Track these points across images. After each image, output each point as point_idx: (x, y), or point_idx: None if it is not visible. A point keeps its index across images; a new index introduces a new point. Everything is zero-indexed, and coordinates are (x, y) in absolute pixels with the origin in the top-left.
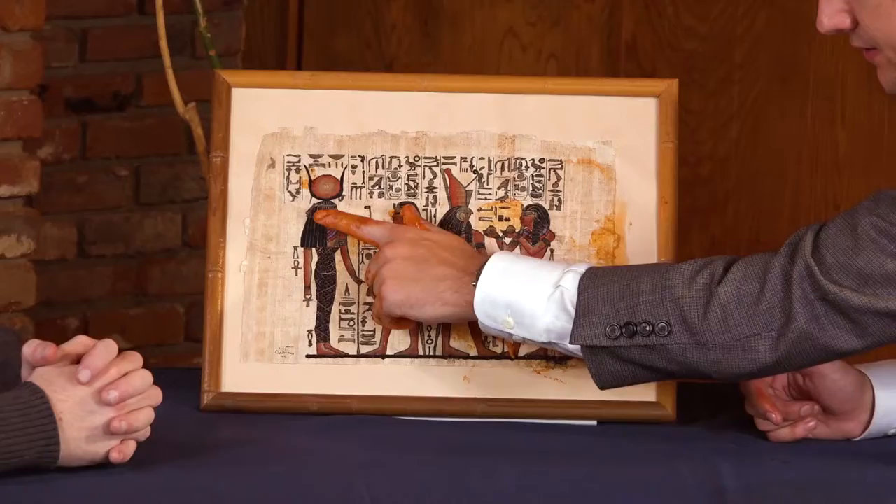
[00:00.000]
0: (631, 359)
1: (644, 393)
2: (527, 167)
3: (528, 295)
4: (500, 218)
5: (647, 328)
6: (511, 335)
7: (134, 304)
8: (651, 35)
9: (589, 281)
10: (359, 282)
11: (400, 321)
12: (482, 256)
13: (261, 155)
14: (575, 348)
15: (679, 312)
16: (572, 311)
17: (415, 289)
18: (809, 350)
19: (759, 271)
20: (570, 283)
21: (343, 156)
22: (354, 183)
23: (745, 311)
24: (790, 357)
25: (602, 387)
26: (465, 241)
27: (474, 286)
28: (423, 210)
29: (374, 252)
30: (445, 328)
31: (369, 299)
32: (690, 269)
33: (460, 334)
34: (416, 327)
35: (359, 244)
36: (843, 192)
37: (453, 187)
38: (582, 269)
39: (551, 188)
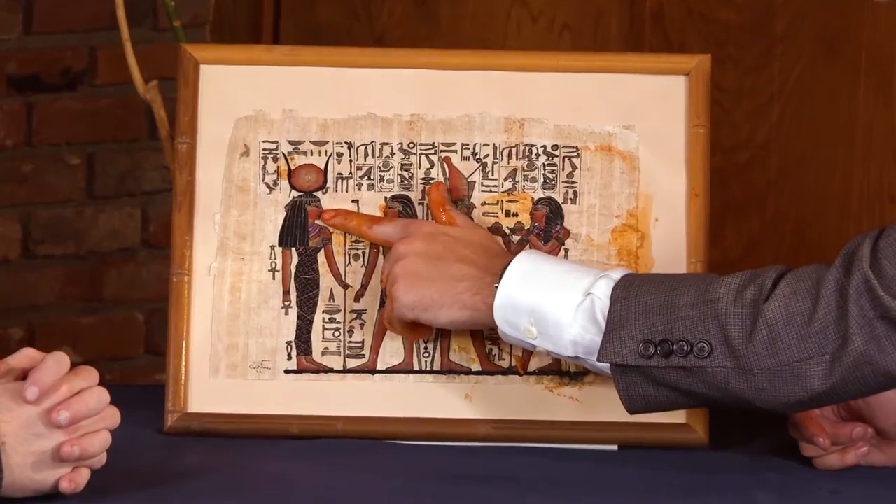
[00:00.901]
0: (666, 381)
1: (673, 413)
2: (537, 155)
3: (554, 302)
4: (507, 213)
5: (685, 347)
6: (533, 346)
7: (87, 312)
8: (679, 3)
9: (623, 290)
10: (345, 286)
11: (414, 328)
12: (508, 255)
13: (233, 141)
14: (604, 366)
15: (721, 332)
16: (602, 324)
17: (429, 289)
18: (868, 375)
19: (810, 286)
20: (603, 292)
21: (327, 142)
22: (340, 173)
23: (794, 331)
24: (846, 384)
25: (632, 411)
26: (492, 237)
27: (496, 288)
28: (420, 204)
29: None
30: (444, 339)
31: (357, 306)
32: (738, 283)
33: (462, 346)
34: (422, 336)
35: (345, 243)
36: None
37: (453, 178)
38: (617, 275)
39: (565, 179)
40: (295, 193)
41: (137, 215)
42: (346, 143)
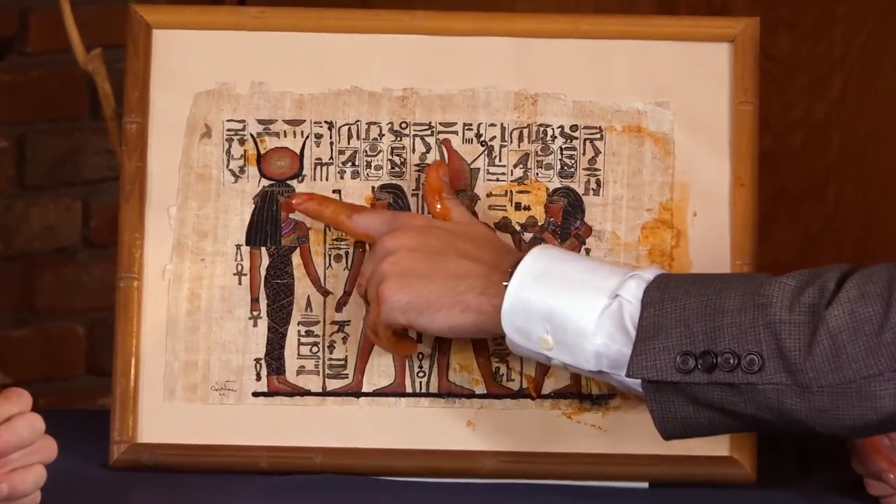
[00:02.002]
0: (708, 401)
1: (714, 445)
2: (553, 137)
3: (574, 305)
4: (518, 206)
5: (731, 360)
6: (548, 359)
7: (17, 324)
8: None
9: (657, 292)
10: (325, 293)
11: (403, 340)
12: (517, 252)
13: (192, 120)
14: (633, 383)
15: (775, 342)
16: (633, 332)
17: (426, 287)
18: None
19: (881, 289)
20: (633, 294)
21: (304, 122)
22: (319, 158)
23: (862, 342)
24: None
25: (667, 436)
26: (495, 235)
27: (505, 287)
28: (413, 195)
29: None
30: (443, 356)
31: (339, 316)
32: (794, 284)
33: (463, 364)
34: (408, 351)
35: (325, 242)
36: None
37: (453, 165)
38: (649, 274)
39: (586, 166)
40: (265, 182)
41: (77, 209)
42: (326, 122)
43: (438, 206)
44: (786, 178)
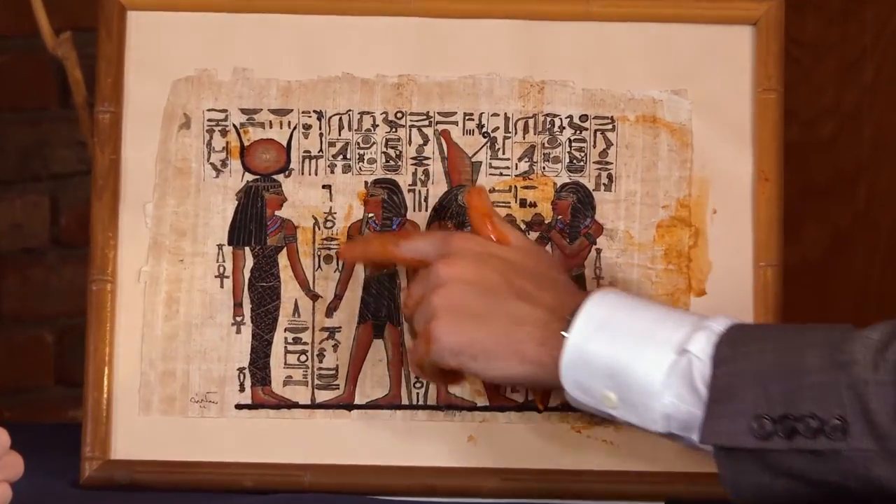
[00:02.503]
0: (787, 469)
1: None
2: (561, 128)
3: (640, 362)
4: (523, 203)
5: (814, 425)
6: (612, 417)
7: None
8: None
9: (729, 349)
10: (314, 297)
11: (452, 374)
12: (578, 293)
13: (169, 109)
14: (706, 447)
15: (860, 404)
16: (704, 393)
17: (481, 331)
18: None
19: None
20: (702, 349)
21: (291, 111)
22: (307, 151)
23: None
24: None
25: (739, 501)
26: (556, 261)
27: (564, 338)
28: (410, 191)
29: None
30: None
31: (329, 322)
32: (878, 338)
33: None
34: (457, 382)
35: (314, 242)
36: None
37: (453, 158)
38: (720, 325)
39: (597, 159)
40: (249, 177)
41: (45, 205)
42: (315, 112)
43: (491, 232)
44: (813, 171)
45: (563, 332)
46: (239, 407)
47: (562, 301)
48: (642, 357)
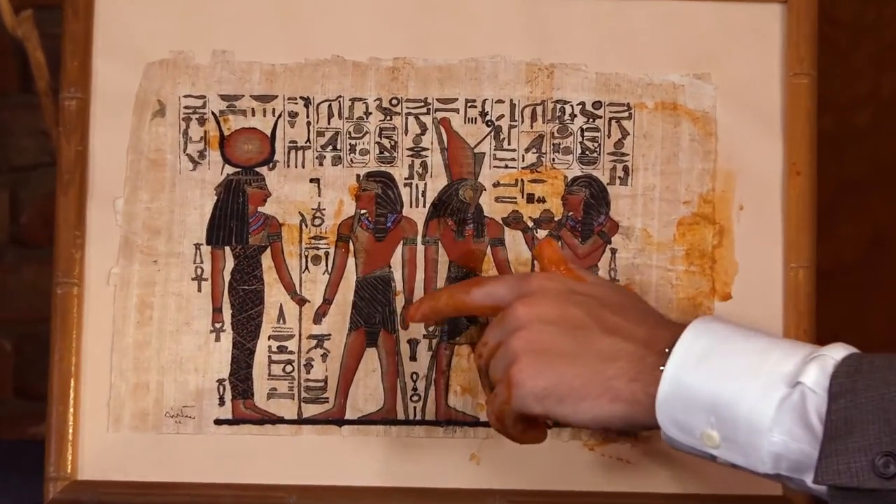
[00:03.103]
0: None
1: (764, 482)
2: (573, 116)
3: (746, 396)
4: (530, 198)
5: None
6: (712, 457)
7: None
8: None
9: (848, 380)
10: (301, 301)
11: (533, 428)
12: (672, 324)
13: (142, 96)
14: (820, 489)
15: None
16: (819, 429)
17: (568, 372)
18: None
19: None
20: (817, 381)
21: (275, 97)
22: (294, 142)
23: None
24: None
25: None
26: (641, 298)
27: (662, 372)
28: (406, 185)
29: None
30: (441, 375)
31: (318, 329)
32: None
33: (466, 386)
34: (538, 440)
35: (301, 241)
36: None
37: (454, 149)
38: (836, 354)
39: (612, 150)
40: (230, 170)
41: (4, 200)
42: (301, 98)
43: (566, 274)
44: (849, 164)
45: (660, 367)
46: (218, 422)
47: (656, 334)
48: (749, 391)
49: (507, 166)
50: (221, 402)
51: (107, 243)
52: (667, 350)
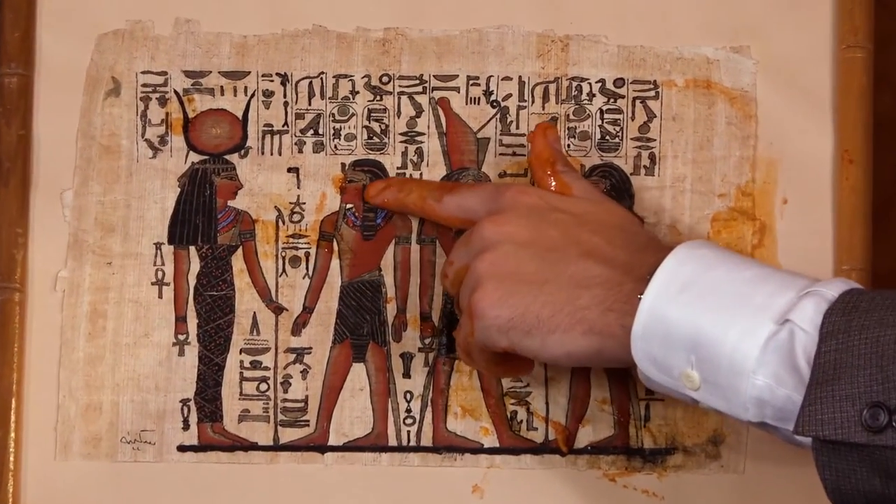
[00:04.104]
0: None
1: None
2: (591, 95)
3: (730, 331)
4: None
5: None
6: (693, 400)
7: None
8: None
9: (842, 319)
10: (277, 309)
11: (507, 361)
12: (660, 247)
13: (93, 72)
14: (803, 439)
15: None
16: (807, 373)
17: (536, 300)
18: None
19: None
20: (809, 319)
21: (248, 74)
22: (269, 125)
23: None
24: None
25: None
26: (631, 215)
27: (640, 300)
28: (399, 175)
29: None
30: (439, 394)
31: (297, 342)
32: None
33: (468, 406)
34: (520, 373)
35: (278, 240)
36: None
37: (453, 133)
38: (834, 290)
39: (637, 135)
40: (195, 157)
41: None
42: (278, 75)
43: (553, 183)
44: None
45: (639, 296)
46: (182, 449)
47: (639, 258)
48: (733, 326)
49: (514, 153)
50: (186, 425)
51: (53, 242)
52: (648, 277)
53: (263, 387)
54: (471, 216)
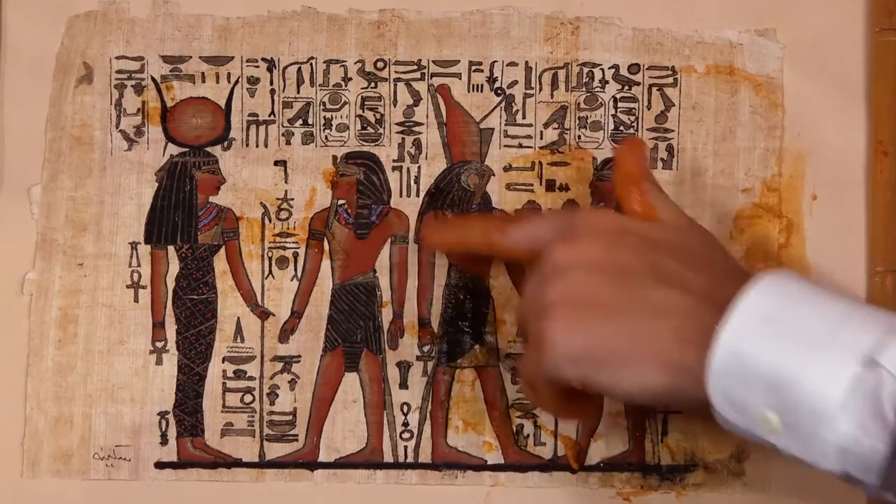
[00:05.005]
0: None
1: None
2: (603, 82)
3: (812, 372)
4: (551, 185)
5: None
6: (773, 445)
7: None
8: None
9: None
10: (264, 314)
11: (575, 400)
12: (743, 273)
13: (64, 57)
14: (892, 496)
15: None
16: (891, 420)
17: (610, 329)
18: None
19: None
20: None
21: (231, 59)
22: (254, 115)
23: None
24: None
25: None
26: (716, 240)
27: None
28: (395, 169)
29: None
30: (438, 406)
31: (285, 349)
32: None
33: (470, 420)
34: (587, 417)
35: (263, 239)
36: None
37: (454, 124)
38: None
39: (654, 126)
40: (174, 150)
41: None
42: (264, 60)
43: (638, 203)
44: None
45: (716, 326)
46: (160, 465)
47: (721, 285)
48: (815, 367)
49: (521, 145)
50: (164, 440)
51: (20, 242)
52: (729, 307)
53: (248, 398)
54: (541, 245)
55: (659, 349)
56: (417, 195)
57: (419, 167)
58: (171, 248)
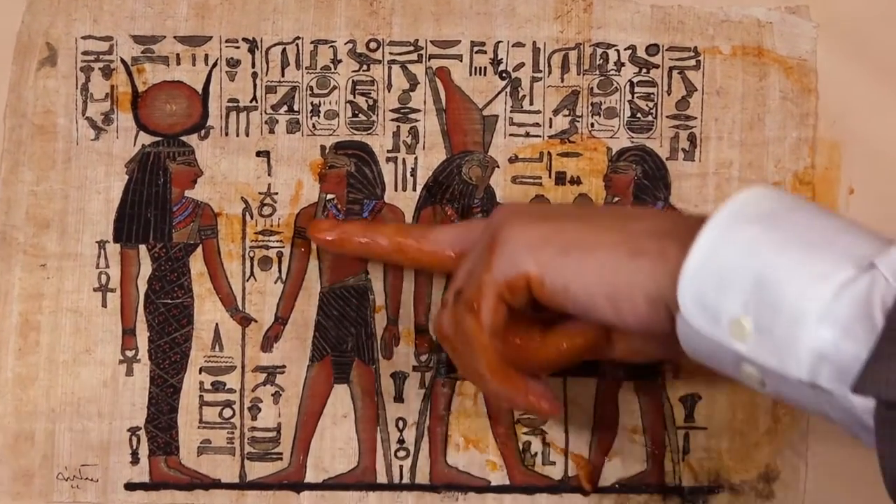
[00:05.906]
0: None
1: None
2: (619, 65)
3: (798, 272)
4: (561, 178)
5: None
6: (738, 361)
7: None
8: None
9: None
10: (244, 320)
11: (517, 375)
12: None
13: (25, 37)
14: (863, 406)
15: None
16: (879, 325)
17: (572, 223)
18: None
19: None
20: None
21: (209, 39)
22: (234, 100)
23: None
24: None
25: None
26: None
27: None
28: (389, 160)
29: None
30: (437, 421)
31: (268, 359)
32: None
33: (472, 435)
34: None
35: (244, 237)
36: None
37: (455, 110)
38: None
39: (674, 113)
40: (147, 139)
41: None
42: (245, 40)
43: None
44: None
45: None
46: (130, 487)
47: (679, 225)
48: (804, 268)
49: (528, 134)
50: (135, 458)
51: None
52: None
53: (227, 413)
54: (459, 247)
55: (631, 236)
56: (414, 189)
57: (416, 158)
58: (142, 248)
